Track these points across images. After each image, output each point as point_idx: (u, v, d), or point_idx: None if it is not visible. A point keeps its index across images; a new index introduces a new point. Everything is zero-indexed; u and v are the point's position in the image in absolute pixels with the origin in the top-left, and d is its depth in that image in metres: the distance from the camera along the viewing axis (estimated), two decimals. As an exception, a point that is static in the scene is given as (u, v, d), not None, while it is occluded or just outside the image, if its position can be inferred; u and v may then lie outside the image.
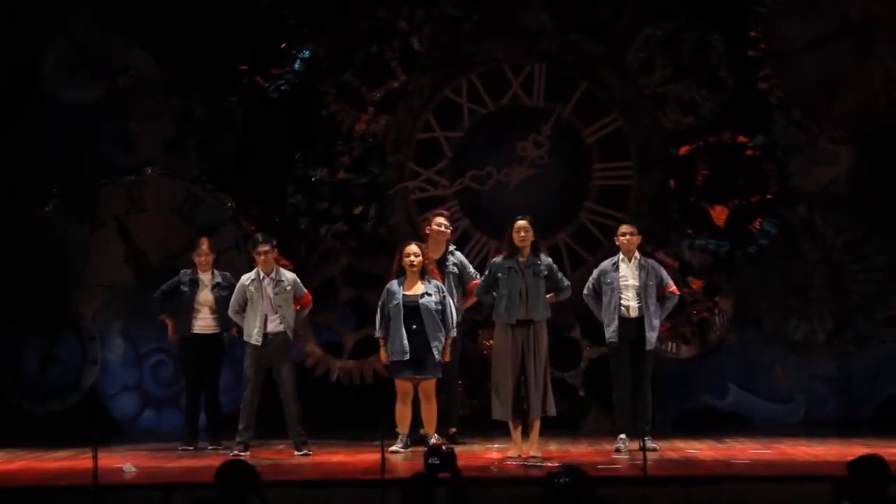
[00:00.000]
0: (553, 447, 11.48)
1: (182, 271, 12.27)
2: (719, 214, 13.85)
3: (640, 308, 11.24)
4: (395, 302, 11.09)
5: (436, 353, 11.05)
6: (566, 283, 11.17)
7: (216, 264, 12.30)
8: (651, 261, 11.54)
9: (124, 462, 10.52)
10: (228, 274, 12.14)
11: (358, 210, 14.08)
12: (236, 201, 14.10)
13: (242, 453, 11.09)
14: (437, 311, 11.09)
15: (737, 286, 13.82)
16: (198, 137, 14.22)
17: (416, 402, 11.32)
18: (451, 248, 12.12)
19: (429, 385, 11.18)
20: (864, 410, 13.59)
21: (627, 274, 11.29)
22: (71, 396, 13.90)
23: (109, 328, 14.04)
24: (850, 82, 13.79)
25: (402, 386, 11.21)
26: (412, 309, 11.07)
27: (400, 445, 11.22)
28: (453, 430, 11.95)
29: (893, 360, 13.68)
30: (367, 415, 12.38)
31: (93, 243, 14.11)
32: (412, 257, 11.12)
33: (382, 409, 11.31)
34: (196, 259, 12.18)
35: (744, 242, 13.81)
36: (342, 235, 13.99)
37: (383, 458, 8.52)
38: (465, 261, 12.15)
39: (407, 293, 11.10)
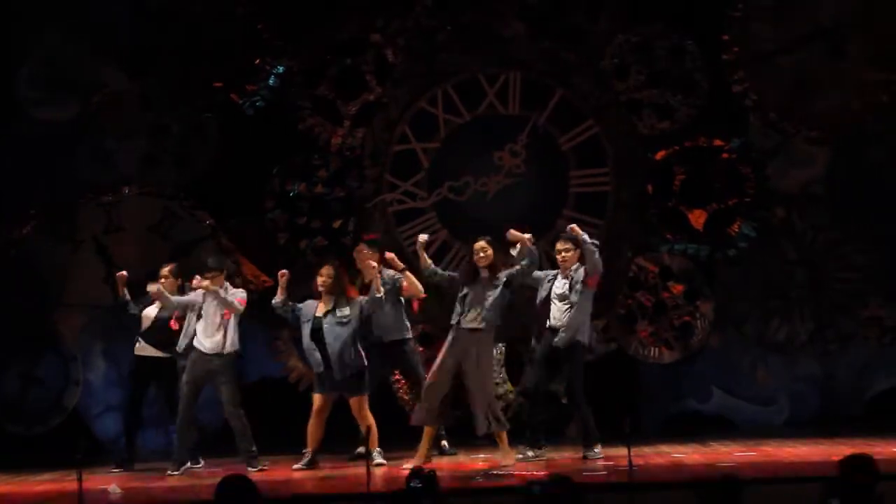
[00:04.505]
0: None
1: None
2: (698, 218, 13.87)
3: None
4: (307, 320, 11.18)
5: (335, 369, 11.06)
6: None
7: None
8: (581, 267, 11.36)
9: (109, 483, 10.49)
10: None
11: (337, 224, 14.07)
12: (214, 217, 14.07)
13: (174, 472, 11.18)
14: (342, 326, 11.08)
15: (717, 289, 13.84)
16: (174, 153, 14.20)
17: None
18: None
19: (354, 403, 11.19)
20: (847, 410, 13.61)
21: (558, 285, 11.26)
22: (54, 417, 13.87)
23: (91, 348, 14.01)
24: (824, 84, 13.83)
25: (317, 400, 11.25)
26: (318, 331, 11.12)
27: (303, 463, 11.27)
28: (444, 442, 11.90)
29: (876, 359, 13.73)
30: (350, 428, 12.33)
31: (72, 263, 14.08)
32: (324, 276, 11.16)
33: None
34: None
35: (723, 245, 13.83)
36: (322, 250, 13.97)
37: (368, 473, 8.51)
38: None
39: (316, 314, 11.16)
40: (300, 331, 11.25)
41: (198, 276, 11.38)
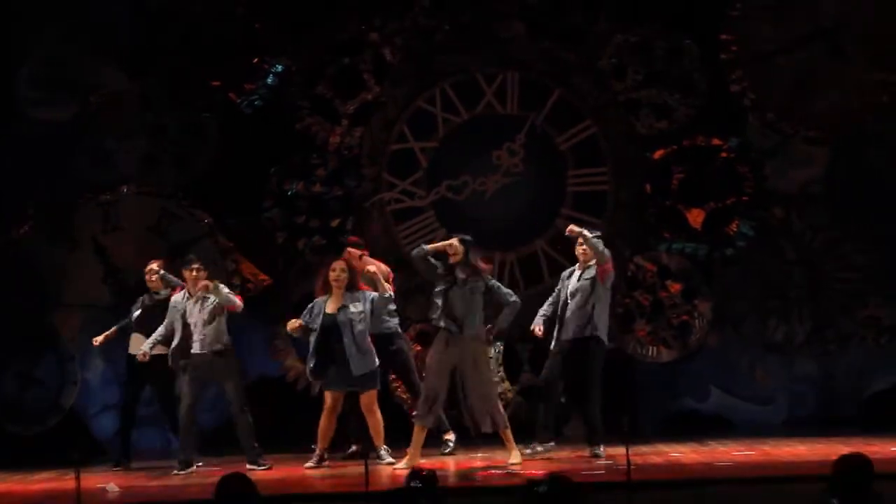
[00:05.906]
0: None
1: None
2: (696, 217, 13.87)
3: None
4: (319, 321, 11.00)
5: (354, 365, 10.94)
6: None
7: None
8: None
9: (107, 482, 10.49)
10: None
11: (335, 223, 14.06)
12: (213, 217, 14.07)
13: (181, 472, 11.16)
14: (358, 321, 10.95)
15: (715, 289, 13.84)
16: (173, 153, 14.20)
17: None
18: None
19: (367, 398, 11.12)
20: (845, 409, 13.61)
21: (574, 281, 11.29)
22: (52, 417, 13.87)
23: (88, 348, 13.97)
24: (824, 83, 13.82)
25: (330, 397, 11.17)
26: (331, 328, 10.93)
27: (314, 461, 11.22)
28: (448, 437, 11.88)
29: (874, 359, 13.72)
30: (346, 427, 12.36)
31: (70, 263, 14.08)
32: (337, 271, 11.06)
33: (363, 422, 11.29)
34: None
35: (721, 245, 13.83)
36: (320, 249, 13.97)
37: (367, 471, 8.52)
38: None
39: (328, 311, 10.99)
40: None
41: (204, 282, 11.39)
